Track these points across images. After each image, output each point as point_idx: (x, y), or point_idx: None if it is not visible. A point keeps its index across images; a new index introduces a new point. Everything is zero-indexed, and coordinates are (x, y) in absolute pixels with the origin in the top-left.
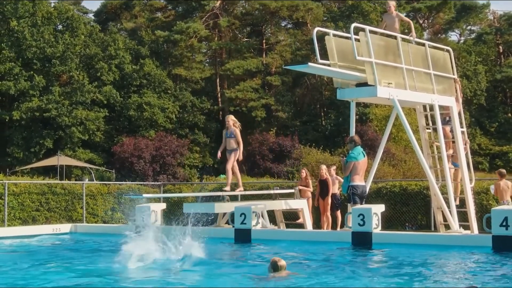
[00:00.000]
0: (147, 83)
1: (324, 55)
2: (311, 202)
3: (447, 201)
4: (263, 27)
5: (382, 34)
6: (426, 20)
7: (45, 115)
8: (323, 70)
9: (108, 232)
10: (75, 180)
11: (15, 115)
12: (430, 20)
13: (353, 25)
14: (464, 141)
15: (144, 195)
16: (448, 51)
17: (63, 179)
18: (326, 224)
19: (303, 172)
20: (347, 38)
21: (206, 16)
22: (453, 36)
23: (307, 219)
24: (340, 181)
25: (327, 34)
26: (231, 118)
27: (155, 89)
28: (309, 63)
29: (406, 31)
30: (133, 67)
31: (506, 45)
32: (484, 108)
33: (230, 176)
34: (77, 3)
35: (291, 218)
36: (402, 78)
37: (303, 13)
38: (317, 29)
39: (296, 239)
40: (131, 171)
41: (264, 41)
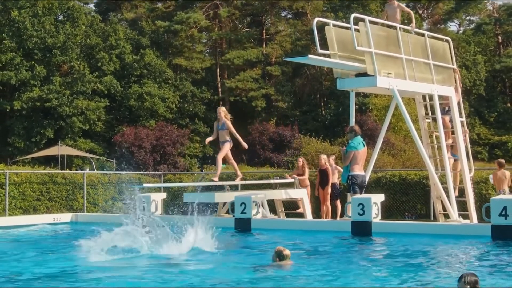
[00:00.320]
0: (147, 73)
1: (324, 45)
2: (309, 190)
3: (446, 190)
4: (263, 17)
5: (383, 25)
6: (425, 11)
7: (46, 105)
8: (323, 62)
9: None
10: (76, 170)
11: (16, 105)
12: (430, 11)
13: (352, 15)
14: (464, 131)
15: (145, 185)
16: (447, 41)
17: (64, 169)
18: (326, 213)
19: (300, 161)
20: (347, 28)
21: (206, 7)
22: (452, 26)
23: (307, 209)
24: (340, 170)
25: (327, 24)
26: (222, 110)
27: (155, 79)
28: (308, 55)
29: (406, 21)
30: (133, 57)
31: (505, 35)
32: (483, 98)
33: (219, 166)
34: None
35: (291, 207)
36: (402, 68)
37: (303, 3)
38: (317, 19)
39: (296, 229)
40: (131, 160)
41: (264, 31)
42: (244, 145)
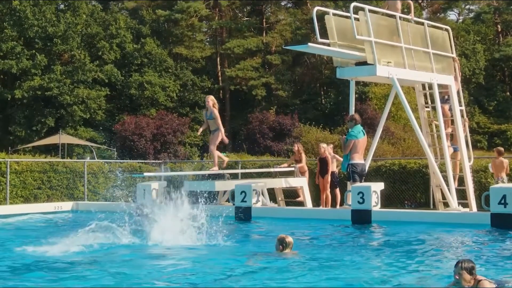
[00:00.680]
0: (148, 62)
1: (324, 34)
2: (307, 175)
3: (446, 179)
4: (263, 6)
5: (383, 14)
6: (425, 0)
7: (46, 94)
8: (323, 50)
9: (110, 209)
10: (77, 158)
11: (17, 93)
12: (429, 0)
13: (352, 4)
14: (463, 119)
15: (145, 174)
16: (447, 30)
17: (65, 157)
18: (326, 201)
19: (295, 146)
20: (347, 17)
21: None
22: (452, 15)
23: (307, 197)
24: (338, 159)
25: (327, 13)
26: (210, 99)
27: (156, 68)
28: (308, 43)
29: (406, 10)
30: (134, 46)
31: (505, 24)
32: (482, 87)
33: (215, 156)
34: None
35: (291, 196)
36: (401, 57)
37: None
38: (317, 8)
39: (296, 217)
40: (132, 149)
41: (264, 20)
42: (225, 139)
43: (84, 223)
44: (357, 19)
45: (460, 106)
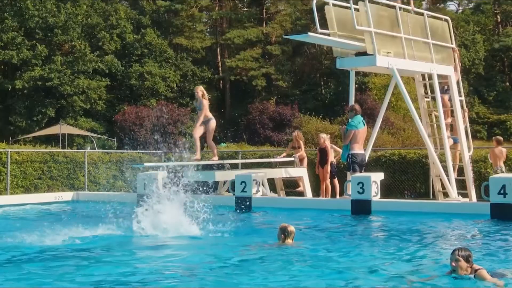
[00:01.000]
0: (148, 53)
1: (324, 24)
2: (305, 162)
3: (445, 169)
4: None
5: (382, 4)
6: None
7: (47, 84)
8: (323, 40)
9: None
10: (77, 149)
11: (17, 84)
12: None
13: None
14: (463, 110)
15: (146, 164)
16: (446, 20)
17: (65, 148)
18: (325, 191)
19: (295, 132)
20: (347, 8)
21: None
22: (451, 5)
23: (307, 187)
24: (336, 149)
25: (327, 3)
26: (200, 89)
27: (156, 58)
28: (308, 33)
29: (406, 0)
30: (134, 36)
31: (504, 14)
32: (482, 77)
33: (213, 147)
34: None
35: (291, 186)
36: (401, 48)
37: None
38: None
39: (296, 207)
40: (132, 139)
41: (264, 10)
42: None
43: (84, 213)
44: (357, 10)
45: (460, 96)
